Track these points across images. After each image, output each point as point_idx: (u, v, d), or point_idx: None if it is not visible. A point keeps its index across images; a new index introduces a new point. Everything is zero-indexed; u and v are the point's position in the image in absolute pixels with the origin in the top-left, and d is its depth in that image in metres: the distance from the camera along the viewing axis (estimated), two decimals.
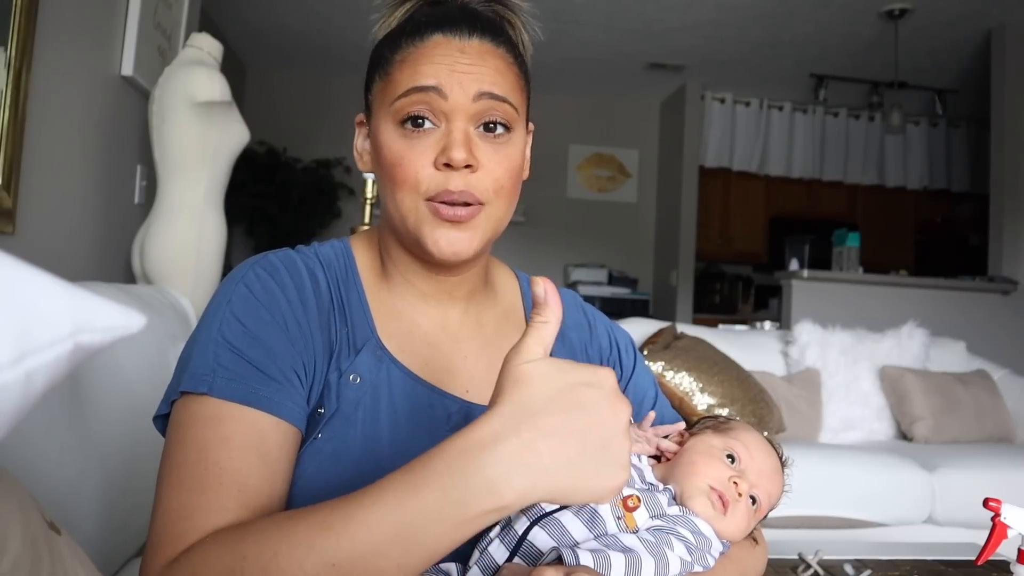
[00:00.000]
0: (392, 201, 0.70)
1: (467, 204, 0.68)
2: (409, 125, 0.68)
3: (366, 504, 0.50)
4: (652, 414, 0.79)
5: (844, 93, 5.59)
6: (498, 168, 0.69)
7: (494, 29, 0.71)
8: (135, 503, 1.02)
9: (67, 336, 0.36)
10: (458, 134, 0.67)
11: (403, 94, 0.68)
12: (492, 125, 0.69)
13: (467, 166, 0.67)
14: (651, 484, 0.69)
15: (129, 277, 2.39)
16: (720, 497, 0.68)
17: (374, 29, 0.76)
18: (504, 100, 0.69)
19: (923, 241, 6.29)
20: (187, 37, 2.58)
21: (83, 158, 2.11)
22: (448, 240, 0.68)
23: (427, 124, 0.68)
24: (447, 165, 0.67)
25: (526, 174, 0.77)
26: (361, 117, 0.77)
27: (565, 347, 0.83)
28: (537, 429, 0.49)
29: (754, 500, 0.71)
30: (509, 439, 0.49)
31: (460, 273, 0.75)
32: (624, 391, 0.84)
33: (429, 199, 0.68)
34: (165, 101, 2.19)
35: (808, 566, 0.99)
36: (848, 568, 0.98)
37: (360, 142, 0.77)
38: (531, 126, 0.77)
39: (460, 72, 0.67)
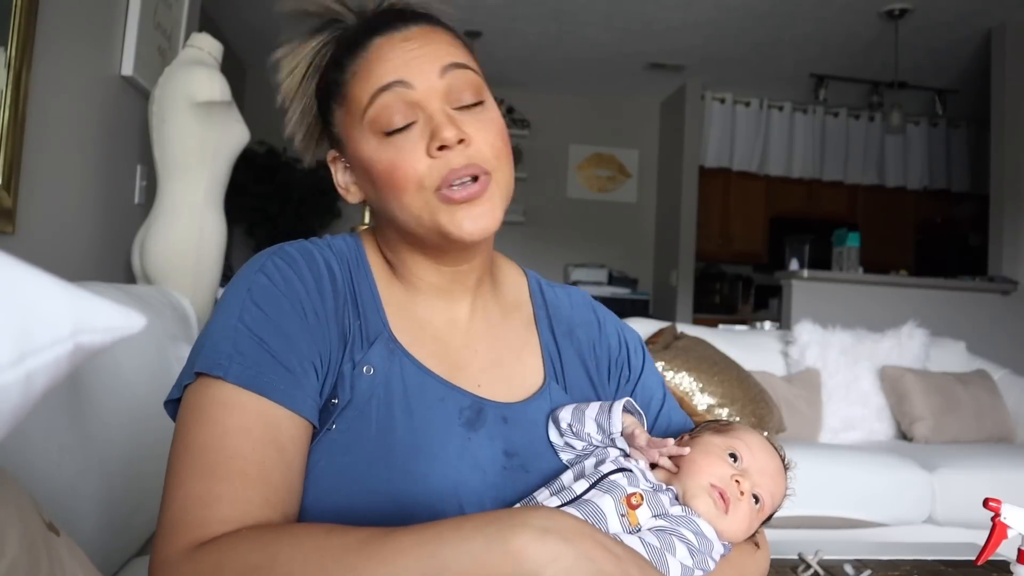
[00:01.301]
0: (398, 207, 0.69)
1: (475, 178, 0.67)
2: (392, 132, 0.67)
3: (405, 544, 0.51)
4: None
5: (844, 93, 5.58)
6: (490, 134, 0.69)
7: (425, 15, 0.72)
8: (135, 503, 1.02)
9: (67, 336, 0.36)
10: (440, 116, 0.67)
11: (369, 102, 0.67)
12: (467, 105, 0.69)
13: (460, 141, 0.66)
14: (653, 484, 0.68)
15: (129, 277, 2.38)
16: (721, 495, 0.67)
17: (285, 74, 0.78)
18: (467, 67, 0.69)
19: (923, 241, 6.29)
20: (187, 37, 2.58)
21: (83, 158, 2.11)
22: (470, 218, 0.67)
23: (406, 124, 0.67)
24: (441, 148, 0.66)
25: None
26: (333, 154, 0.76)
27: (573, 344, 0.82)
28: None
29: (757, 499, 0.70)
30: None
31: (471, 260, 0.75)
32: (632, 392, 0.83)
33: (437, 189, 0.66)
34: (165, 101, 2.19)
35: (808, 566, 0.99)
36: (848, 568, 0.98)
37: (341, 177, 0.76)
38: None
39: (414, 58, 0.68)
